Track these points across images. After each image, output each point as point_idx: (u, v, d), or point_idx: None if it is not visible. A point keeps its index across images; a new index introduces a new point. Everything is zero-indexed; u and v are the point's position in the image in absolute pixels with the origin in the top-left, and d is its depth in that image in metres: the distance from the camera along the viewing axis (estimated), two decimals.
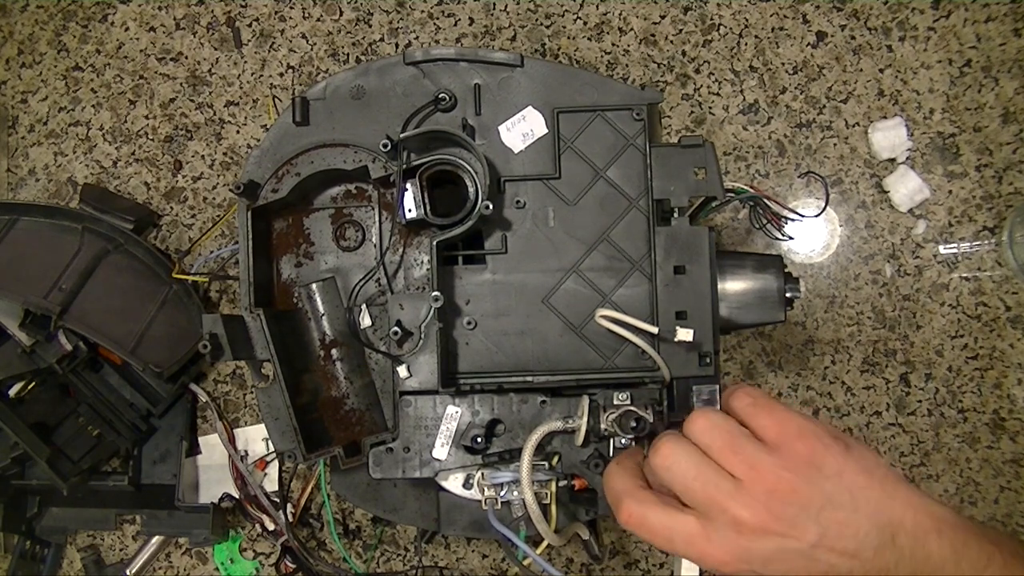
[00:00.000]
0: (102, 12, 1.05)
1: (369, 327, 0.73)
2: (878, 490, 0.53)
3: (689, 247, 0.69)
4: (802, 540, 0.51)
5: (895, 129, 0.97)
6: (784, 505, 0.52)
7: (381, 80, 0.72)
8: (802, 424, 0.55)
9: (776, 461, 0.53)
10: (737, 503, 0.52)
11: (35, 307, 0.90)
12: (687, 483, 0.54)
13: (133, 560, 0.98)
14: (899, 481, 0.54)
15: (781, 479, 0.52)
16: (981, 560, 0.52)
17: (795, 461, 0.53)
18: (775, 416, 0.55)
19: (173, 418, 0.99)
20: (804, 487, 0.52)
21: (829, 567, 0.52)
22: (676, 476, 0.54)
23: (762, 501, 0.52)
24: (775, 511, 0.52)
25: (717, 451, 0.54)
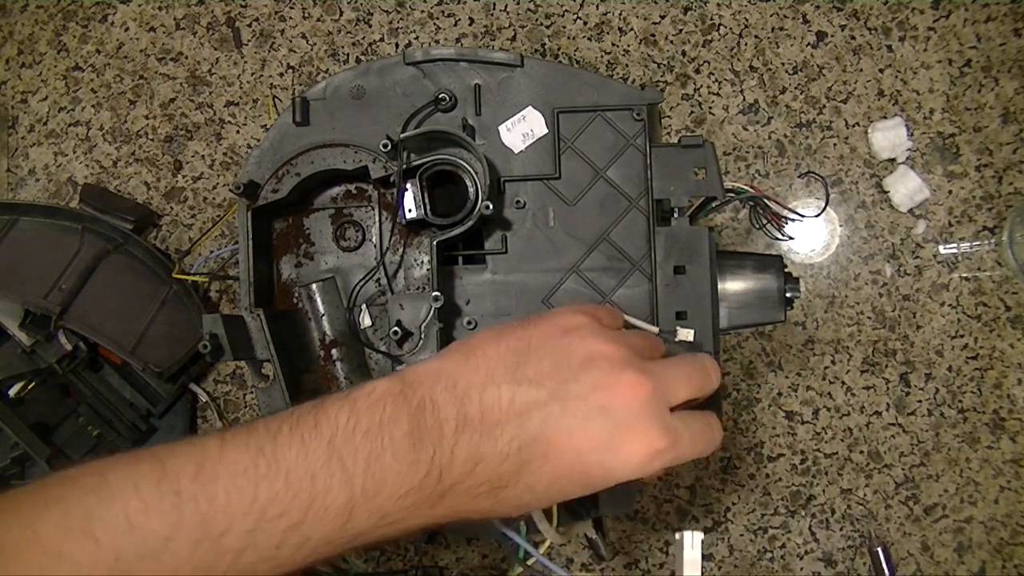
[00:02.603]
0: (102, 12, 1.05)
1: (369, 327, 0.73)
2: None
3: (689, 247, 0.69)
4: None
5: (895, 129, 0.97)
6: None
7: (381, 80, 0.72)
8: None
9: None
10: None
11: (35, 307, 0.90)
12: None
13: None
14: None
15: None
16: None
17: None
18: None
19: (173, 418, 0.99)
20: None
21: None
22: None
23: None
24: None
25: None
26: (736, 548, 0.97)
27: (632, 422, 0.49)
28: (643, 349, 0.55)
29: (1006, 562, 0.96)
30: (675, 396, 0.53)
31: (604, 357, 0.51)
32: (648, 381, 0.50)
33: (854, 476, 0.97)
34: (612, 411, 0.49)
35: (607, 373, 0.50)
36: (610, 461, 0.49)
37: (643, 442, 0.49)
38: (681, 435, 0.51)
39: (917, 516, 0.96)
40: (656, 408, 0.50)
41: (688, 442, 0.52)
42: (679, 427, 0.51)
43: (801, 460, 0.97)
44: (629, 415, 0.49)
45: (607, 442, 0.49)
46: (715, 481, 0.97)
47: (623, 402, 0.50)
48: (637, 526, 0.97)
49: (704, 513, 0.97)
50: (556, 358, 0.51)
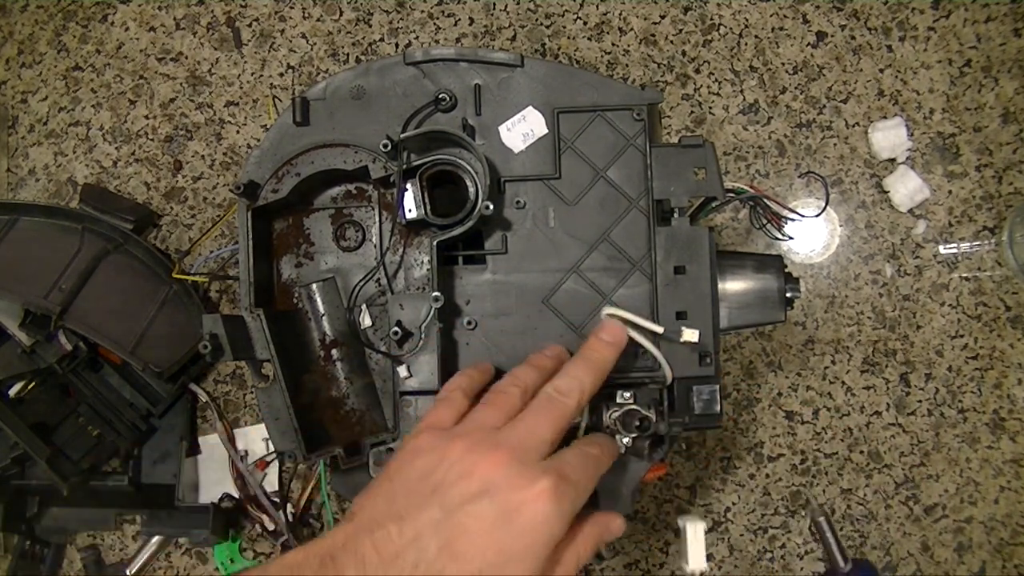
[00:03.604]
0: (102, 12, 1.05)
1: (369, 327, 0.73)
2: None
3: (689, 247, 0.69)
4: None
5: (895, 129, 0.97)
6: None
7: (381, 80, 0.72)
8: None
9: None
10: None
11: (35, 307, 0.90)
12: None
13: (133, 560, 0.98)
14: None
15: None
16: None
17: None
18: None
19: (173, 418, 0.99)
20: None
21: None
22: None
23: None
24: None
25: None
26: (736, 548, 0.97)
27: (512, 483, 0.51)
28: (493, 416, 0.57)
29: (1006, 562, 0.96)
30: (539, 441, 0.55)
31: (458, 454, 0.53)
32: (502, 447, 0.53)
33: (854, 476, 0.97)
34: (489, 487, 0.51)
35: (467, 464, 0.53)
36: (518, 527, 0.51)
37: (534, 490, 0.51)
38: (563, 467, 0.54)
39: (917, 516, 0.96)
40: (525, 461, 0.53)
41: (577, 470, 0.55)
42: (558, 463, 0.54)
43: (801, 460, 0.97)
44: (505, 480, 0.52)
45: (504, 513, 0.51)
46: (715, 481, 0.97)
47: (492, 475, 0.52)
48: (637, 526, 0.97)
49: (704, 513, 0.97)
50: (422, 480, 0.53)
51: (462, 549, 0.50)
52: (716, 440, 0.97)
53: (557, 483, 0.52)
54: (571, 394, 0.59)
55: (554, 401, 0.58)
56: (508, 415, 0.57)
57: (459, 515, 0.51)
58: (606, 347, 0.63)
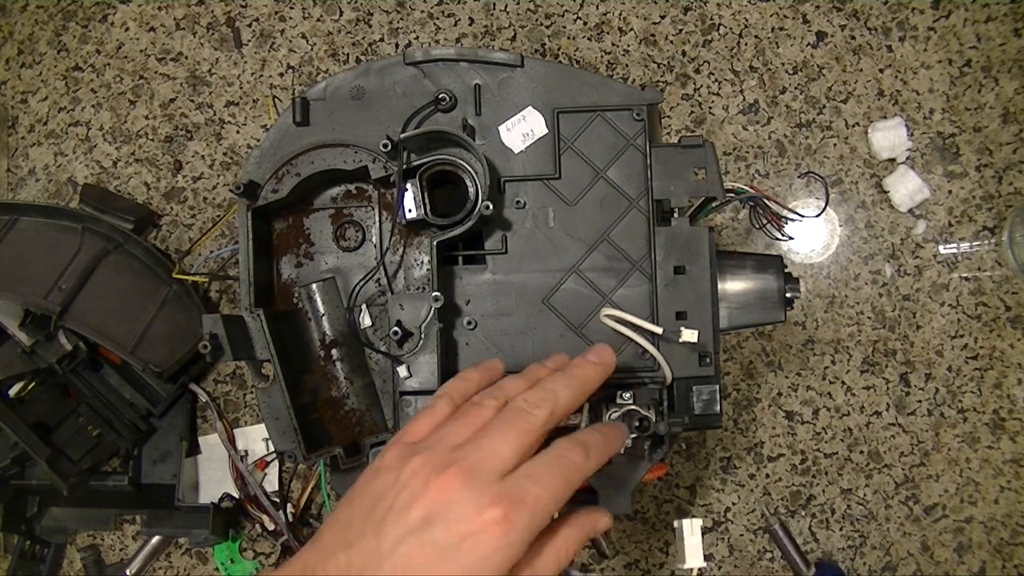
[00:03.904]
0: (102, 12, 1.05)
1: (369, 327, 0.73)
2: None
3: (689, 247, 0.69)
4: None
5: (895, 129, 0.97)
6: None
7: (381, 80, 0.72)
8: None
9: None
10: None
11: (35, 307, 0.90)
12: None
13: (133, 560, 0.98)
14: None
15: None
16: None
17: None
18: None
19: (173, 418, 0.99)
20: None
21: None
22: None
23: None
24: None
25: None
26: (736, 548, 0.97)
27: (457, 513, 0.48)
28: (459, 433, 0.53)
29: (1006, 562, 0.96)
30: (498, 460, 0.51)
31: (410, 475, 0.51)
32: (454, 469, 0.50)
33: (854, 476, 0.97)
34: (434, 517, 0.49)
35: (415, 488, 0.50)
36: (464, 559, 0.48)
37: (478, 522, 0.48)
38: (522, 489, 0.50)
39: (917, 516, 0.96)
40: (475, 487, 0.49)
41: (541, 488, 0.50)
42: (518, 484, 0.50)
43: (801, 460, 0.97)
44: (450, 509, 0.49)
45: (448, 546, 0.48)
46: (715, 481, 0.97)
47: (438, 503, 0.49)
48: (637, 526, 0.97)
49: (704, 513, 0.97)
50: (374, 503, 0.51)
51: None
52: (716, 440, 0.97)
53: (508, 511, 0.48)
54: (542, 406, 0.54)
55: (520, 414, 0.54)
56: (475, 430, 0.53)
57: (403, 547, 0.48)
58: (592, 367, 0.58)
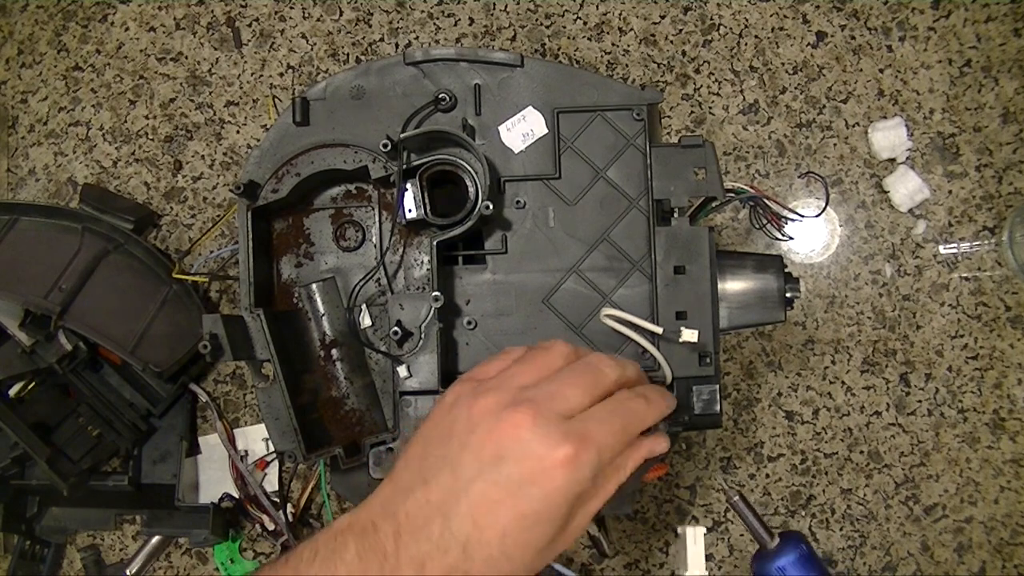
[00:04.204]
0: (102, 12, 1.05)
1: (369, 327, 0.73)
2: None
3: (689, 247, 0.69)
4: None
5: (895, 129, 0.97)
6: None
7: (381, 80, 0.72)
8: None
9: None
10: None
11: (35, 307, 0.90)
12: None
13: (133, 560, 0.98)
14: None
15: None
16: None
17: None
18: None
19: (173, 418, 0.99)
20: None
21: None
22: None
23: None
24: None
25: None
26: (736, 548, 0.97)
27: (528, 450, 0.51)
28: (528, 374, 0.56)
29: (1006, 562, 0.96)
30: (565, 403, 0.54)
31: (481, 413, 0.53)
32: (524, 408, 0.52)
33: (854, 476, 0.97)
34: (506, 454, 0.51)
35: (488, 425, 0.53)
36: (537, 494, 0.51)
37: (549, 460, 0.51)
38: (589, 430, 0.53)
39: (917, 516, 0.96)
40: (545, 425, 0.52)
41: (607, 430, 0.53)
42: (585, 424, 0.53)
43: (801, 460, 0.97)
44: (522, 447, 0.51)
45: (521, 481, 0.51)
46: (715, 481, 0.97)
47: (510, 440, 0.52)
48: (637, 526, 0.97)
49: (704, 513, 0.97)
50: (447, 439, 0.54)
51: (482, 515, 0.51)
52: (716, 440, 0.97)
53: (577, 450, 0.51)
54: (611, 371, 0.57)
55: (591, 367, 0.57)
56: (543, 375, 0.56)
57: (478, 483, 0.51)
58: (657, 402, 0.60)
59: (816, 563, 0.63)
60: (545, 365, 0.57)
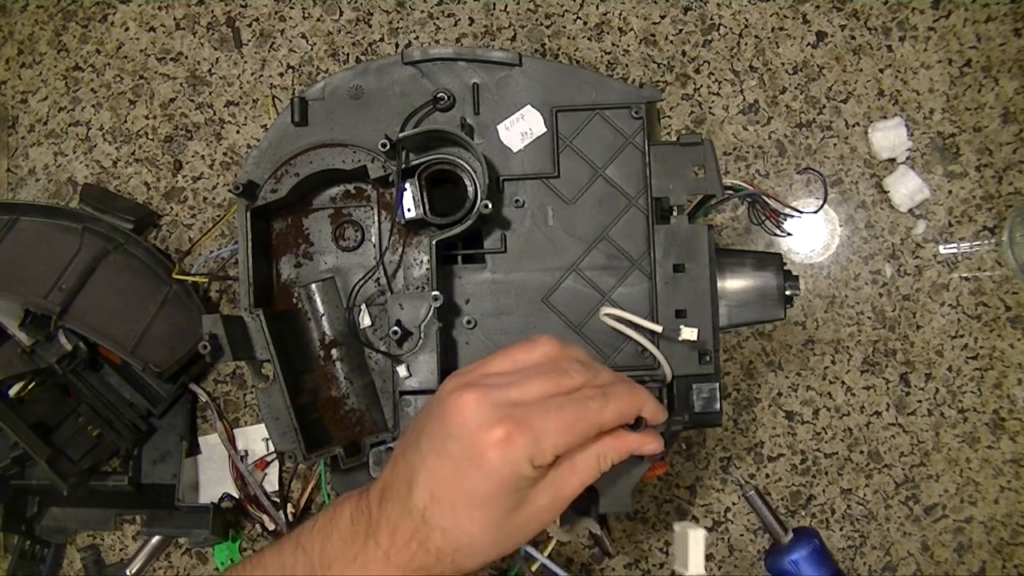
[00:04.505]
0: (102, 12, 1.05)
1: (369, 327, 0.73)
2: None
3: (688, 245, 0.69)
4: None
5: (895, 129, 0.97)
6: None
7: (380, 80, 0.72)
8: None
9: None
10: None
11: (35, 307, 0.90)
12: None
13: (133, 560, 0.98)
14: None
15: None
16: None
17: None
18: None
19: (173, 418, 0.99)
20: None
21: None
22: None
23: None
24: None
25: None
26: (736, 548, 0.97)
27: (465, 428, 0.54)
28: (501, 367, 0.59)
29: (1006, 562, 0.96)
30: (518, 393, 0.56)
31: (447, 396, 0.56)
32: (473, 389, 0.55)
33: (854, 476, 0.97)
34: (449, 431, 0.55)
35: (444, 406, 0.56)
36: (477, 473, 0.54)
37: (482, 439, 0.54)
38: (529, 416, 0.54)
39: (917, 516, 0.96)
40: (486, 407, 0.54)
41: (549, 420, 0.55)
42: (526, 411, 0.55)
43: (801, 460, 0.97)
44: (460, 424, 0.54)
45: (462, 459, 0.54)
46: (715, 481, 0.97)
47: (453, 418, 0.55)
48: (637, 526, 0.97)
49: (704, 513, 0.97)
50: (424, 417, 0.58)
51: (436, 488, 0.55)
52: (716, 440, 0.97)
53: (510, 432, 0.53)
54: (578, 375, 0.58)
55: (563, 374, 0.58)
56: (516, 367, 0.58)
57: (431, 456, 0.55)
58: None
59: (827, 558, 0.64)
60: (522, 359, 0.59)
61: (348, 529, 0.56)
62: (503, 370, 0.58)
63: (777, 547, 0.66)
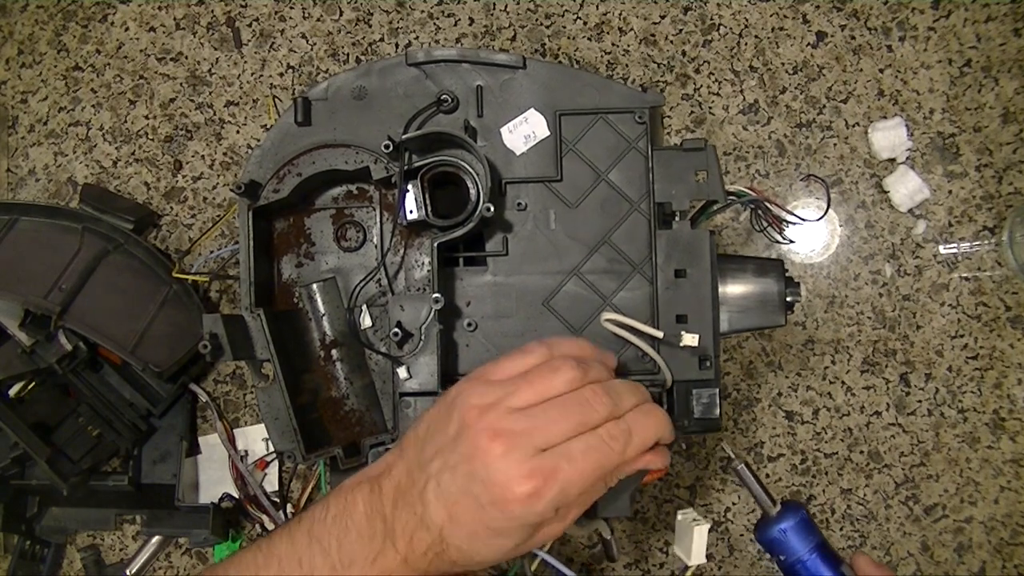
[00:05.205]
0: (102, 12, 1.05)
1: (369, 328, 0.73)
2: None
3: (690, 251, 0.69)
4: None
5: (895, 129, 0.97)
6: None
7: (383, 81, 0.72)
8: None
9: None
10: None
11: (35, 307, 0.90)
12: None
13: (133, 560, 0.98)
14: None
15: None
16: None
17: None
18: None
19: (173, 418, 0.99)
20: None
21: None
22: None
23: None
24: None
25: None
26: (736, 548, 0.97)
27: (495, 478, 0.54)
28: (526, 396, 0.58)
29: (1006, 562, 0.96)
30: (544, 437, 0.56)
31: (471, 424, 0.56)
32: (501, 438, 0.55)
33: (854, 476, 0.97)
34: (477, 474, 0.55)
35: (471, 442, 0.56)
36: (499, 516, 0.54)
37: (510, 492, 0.54)
38: (558, 468, 0.55)
39: (917, 516, 0.97)
40: (516, 458, 0.54)
41: (575, 469, 0.55)
42: (553, 461, 0.55)
43: (801, 460, 0.97)
44: (490, 473, 0.54)
45: (485, 502, 0.54)
46: (715, 481, 0.98)
47: (481, 465, 0.55)
48: (637, 526, 0.97)
49: (704, 513, 0.97)
50: (443, 431, 0.58)
51: (455, 514, 0.55)
52: (716, 440, 0.98)
53: (539, 488, 0.54)
54: (602, 408, 0.58)
55: (583, 405, 0.57)
56: (540, 398, 0.58)
57: (452, 487, 0.55)
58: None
59: (814, 529, 0.66)
60: (546, 389, 0.58)
61: (365, 526, 0.56)
62: (527, 403, 0.57)
63: (766, 519, 0.67)
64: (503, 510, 0.54)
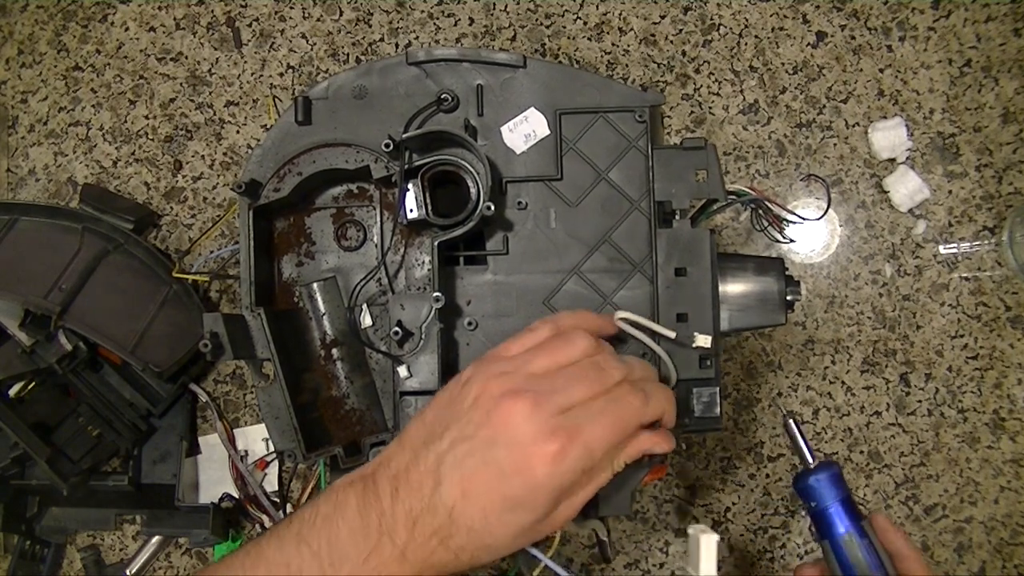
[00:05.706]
0: (102, 12, 1.05)
1: (370, 327, 0.73)
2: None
3: (690, 249, 0.69)
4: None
5: (895, 129, 0.97)
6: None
7: (383, 80, 0.72)
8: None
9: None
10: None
11: (35, 307, 0.90)
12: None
13: (133, 560, 0.98)
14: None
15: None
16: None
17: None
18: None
19: (173, 418, 0.99)
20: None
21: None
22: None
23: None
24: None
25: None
26: (736, 548, 0.97)
27: (518, 438, 0.54)
28: (543, 362, 0.58)
29: (1006, 562, 0.96)
30: (566, 398, 0.56)
31: (487, 393, 0.56)
32: (524, 396, 0.55)
33: (854, 476, 0.97)
34: (497, 438, 0.54)
35: (488, 407, 0.55)
36: (520, 483, 0.54)
37: (535, 452, 0.53)
38: (581, 426, 0.55)
39: (917, 516, 0.97)
40: (539, 417, 0.54)
41: (598, 427, 0.55)
42: (573, 422, 0.55)
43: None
44: (512, 434, 0.54)
45: (507, 468, 0.54)
46: (715, 481, 0.97)
47: (503, 426, 0.54)
48: (637, 526, 0.97)
49: (704, 513, 0.97)
50: (454, 410, 0.57)
51: (470, 489, 0.54)
52: (716, 440, 0.98)
53: (564, 446, 0.53)
54: (617, 372, 0.59)
55: (602, 372, 0.58)
56: (557, 365, 0.58)
57: (471, 458, 0.54)
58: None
59: (844, 485, 0.71)
60: (562, 356, 0.59)
61: (357, 523, 0.55)
62: (546, 369, 0.58)
63: (805, 470, 0.71)
64: (527, 475, 0.53)
